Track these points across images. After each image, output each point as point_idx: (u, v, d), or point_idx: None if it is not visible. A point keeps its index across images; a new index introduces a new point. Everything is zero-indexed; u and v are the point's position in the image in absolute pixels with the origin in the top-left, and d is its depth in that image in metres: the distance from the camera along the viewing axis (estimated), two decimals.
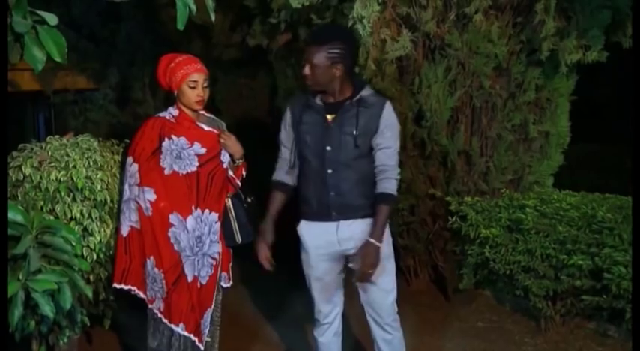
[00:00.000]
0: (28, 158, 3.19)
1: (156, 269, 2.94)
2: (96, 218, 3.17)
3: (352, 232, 2.85)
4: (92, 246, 3.16)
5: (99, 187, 3.19)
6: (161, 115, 3.04)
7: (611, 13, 3.89)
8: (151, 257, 2.95)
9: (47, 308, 2.00)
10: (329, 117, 2.82)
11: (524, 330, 4.07)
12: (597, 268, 3.54)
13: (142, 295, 3.02)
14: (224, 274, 3.15)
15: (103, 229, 3.20)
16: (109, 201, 3.21)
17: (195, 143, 2.98)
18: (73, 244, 2.14)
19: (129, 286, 3.01)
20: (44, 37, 1.76)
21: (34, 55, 1.76)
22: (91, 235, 3.16)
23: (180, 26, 1.88)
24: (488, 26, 3.96)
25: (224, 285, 3.16)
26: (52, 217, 3.01)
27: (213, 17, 2.00)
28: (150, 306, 3.01)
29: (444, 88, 4.09)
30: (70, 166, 3.18)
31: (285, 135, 2.95)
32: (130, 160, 2.98)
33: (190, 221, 2.95)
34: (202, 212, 2.99)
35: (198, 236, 2.97)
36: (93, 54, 6.95)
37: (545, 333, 3.97)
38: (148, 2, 5.85)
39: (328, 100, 2.85)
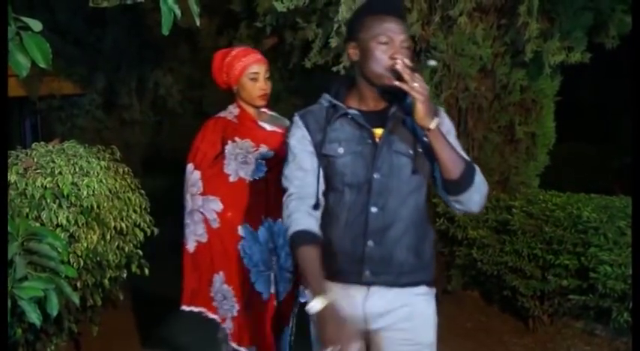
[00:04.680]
0: (13, 165, 3.17)
1: (225, 285, 2.63)
2: (82, 224, 3.15)
3: (389, 305, 1.90)
4: (79, 252, 3.13)
5: (85, 193, 3.17)
6: (222, 114, 2.74)
7: (594, 15, 3.93)
8: (221, 272, 2.63)
9: (34, 316, 1.98)
10: (376, 131, 1.92)
11: (513, 330, 4.09)
12: (583, 268, 3.56)
13: (212, 315, 2.68)
14: (302, 287, 2.66)
15: (89, 236, 3.17)
16: (95, 207, 3.20)
17: (262, 146, 2.67)
18: (59, 250, 2.12)
19: (199, 309, 2.67)
20: (28, 43, 1.75)
21: (18, 61, 1.74)
22: (78, 241, 3.14)
23: (165, 31, 1.87)
24: (472, 28, 3.99)
25: (302, 300, 2.57)
26: (37, 224, 2.99)
27: (198, 22, 2.00)
28: (222, 326, 2.67)
29: (430, 91, 4.10)
30: (56, 172, 3.16)
31: (305, 159, 1.95)
32: (190, 167, 2.67)
33: (262, 232, 2.64)
34: (274, 222, 2.66)
35: (272, 249, 2.66)
36: (78, 59, 6.94)
37: (534, 333, 4.00)
38: (133, 7, 5.84)
39: (365, 106, 1.96)
